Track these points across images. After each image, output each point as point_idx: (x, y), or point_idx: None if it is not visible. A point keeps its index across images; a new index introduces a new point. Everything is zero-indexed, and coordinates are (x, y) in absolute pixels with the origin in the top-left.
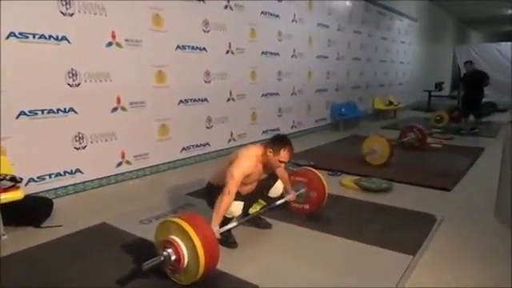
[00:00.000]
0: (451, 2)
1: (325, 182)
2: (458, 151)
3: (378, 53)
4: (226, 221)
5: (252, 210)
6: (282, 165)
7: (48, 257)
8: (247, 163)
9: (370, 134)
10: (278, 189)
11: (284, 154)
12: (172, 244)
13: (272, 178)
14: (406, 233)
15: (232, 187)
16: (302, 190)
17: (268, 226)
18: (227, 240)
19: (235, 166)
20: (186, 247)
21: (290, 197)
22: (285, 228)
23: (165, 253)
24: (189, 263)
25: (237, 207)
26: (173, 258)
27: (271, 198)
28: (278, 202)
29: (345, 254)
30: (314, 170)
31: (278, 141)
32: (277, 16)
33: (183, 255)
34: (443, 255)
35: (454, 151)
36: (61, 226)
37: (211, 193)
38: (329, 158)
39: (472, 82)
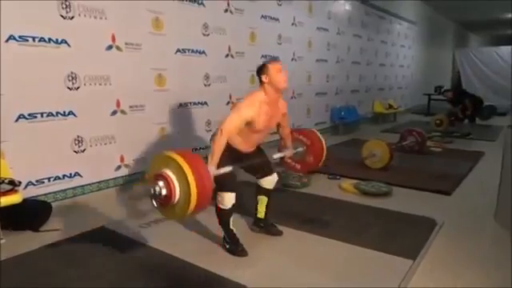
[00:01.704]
0: (449, 4)
1: (325, 149)
2: (458, 155)
3: (378, 56)
4: (222, 213)
5: (260, 209)
6: (285, 75)
7: (46, 261)
8: (248, 109)
9: (370, 137)
10: (271, 181)
11: (274, 66)
12: (165, 178)
13: (267, 166)
14: (405, 237)
15: (226, 127)
16: (300, 149)
17: (279, 233)
18: (237, 248)
19: (234, 110)
20: (179, 183)
21: (287, 153)
22: (283, 231)
23: (156, 187)
24: (179, 200)
25: (229, 198)
26: (164, 192)
27: (264, 189)
28: (275, 156)
29: (344, 258)
30: (318, 134)
31: (261, 66)
32: (276, 19)
33: (175, 191)
34: (443, 260)
35: (453, 155)
36: (58, 229)
37: None
38: (328, 161)
39: (460, 103)
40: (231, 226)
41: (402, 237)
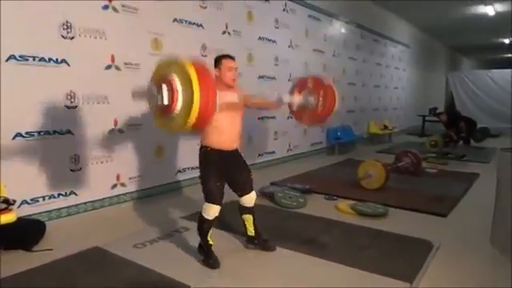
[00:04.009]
0: (442, 29)
1: (327, 120)
2: (453, 176)
3: (373, 78)
4: (203, 222)
5: (249, 229)
6: (233, 73)
7: (38, 282)
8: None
9: (366, 158)
10: (251, 198)
11: (227, 62)
12: (170, 85)
13: (248, 183)
14: (402, 259)
15: None
16: (311, 100)
17: (272, 248)
18: (208, 260)
19: None
20: (184, 93)
21: (295, 99)
22: (279, 252)
23: (159, 93)
24: (180, 111)
25: (214, 210)
26: (165, 99)
27: (246, 208)
28: (285, 100)
29: (341, 281)
30: (336, 100)
31: (216, 59)
32: (274, 41)
33: (177, 99)
34: (440, 283)
35: (448, 176)
36: (51, 249)
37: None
38: (324, 181)
39: (454, 125)
40: (209, 238)
41: (399, 259)
